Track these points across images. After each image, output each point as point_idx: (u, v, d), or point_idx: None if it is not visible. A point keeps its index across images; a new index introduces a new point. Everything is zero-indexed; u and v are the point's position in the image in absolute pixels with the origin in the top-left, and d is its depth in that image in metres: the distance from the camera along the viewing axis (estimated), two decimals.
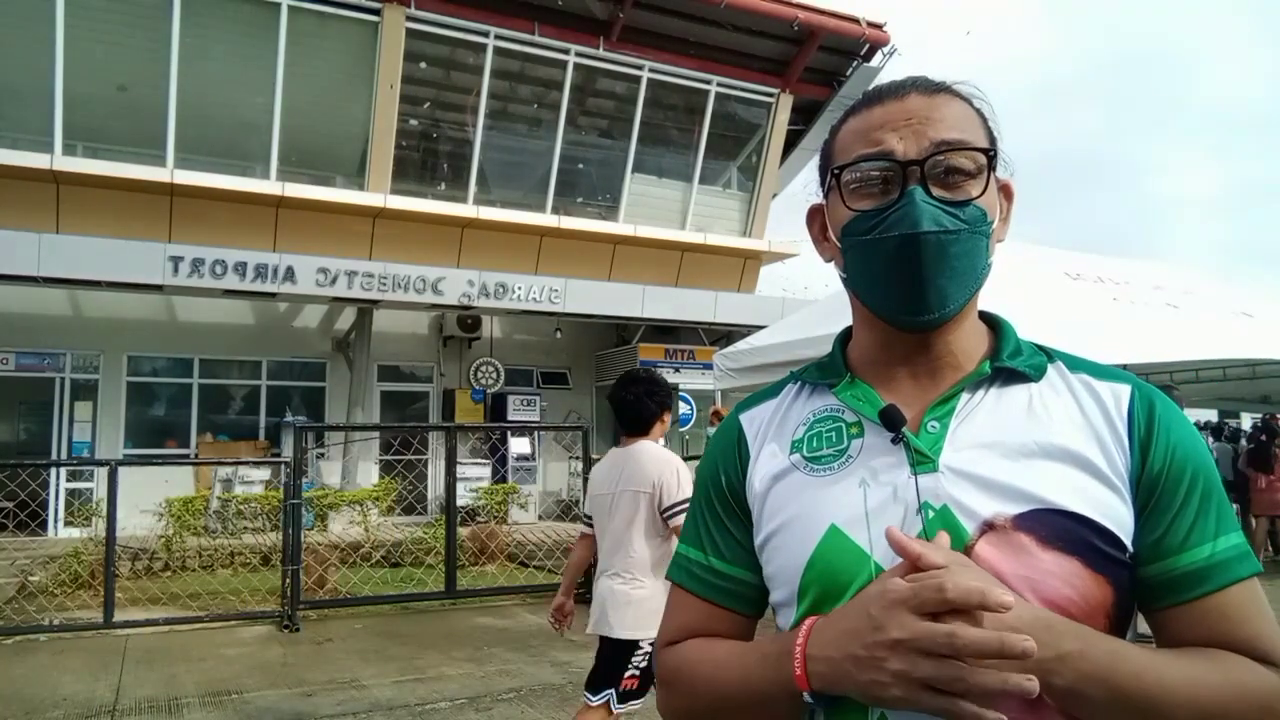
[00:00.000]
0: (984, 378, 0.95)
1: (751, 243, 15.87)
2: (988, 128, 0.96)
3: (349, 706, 4.99)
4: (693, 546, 1.06)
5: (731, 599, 1.03)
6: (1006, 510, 0.87)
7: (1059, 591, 0.85)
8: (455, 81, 14.22)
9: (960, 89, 0.97)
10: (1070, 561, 0.86)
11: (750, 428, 1.05)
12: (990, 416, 0.93)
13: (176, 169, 11.97)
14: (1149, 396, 0.94)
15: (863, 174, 0.94)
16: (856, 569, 0.90)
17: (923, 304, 0.91)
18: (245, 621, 7.17)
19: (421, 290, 12.60)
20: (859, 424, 0.97)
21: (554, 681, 5.46)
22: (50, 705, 5.04)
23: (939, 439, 0.92)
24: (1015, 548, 0.86)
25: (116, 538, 7.18)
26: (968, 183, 0.91)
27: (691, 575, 1.05)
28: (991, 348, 0.98)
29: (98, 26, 11.73)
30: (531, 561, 10.10)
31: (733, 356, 8.48)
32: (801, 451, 0.99)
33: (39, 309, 12.67)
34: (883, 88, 0.98)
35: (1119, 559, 0.88)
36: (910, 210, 0.89)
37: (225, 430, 13.80)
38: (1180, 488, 0.89)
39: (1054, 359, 0.98)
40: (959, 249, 0.90)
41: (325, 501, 10.78)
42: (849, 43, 15.27)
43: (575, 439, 12.61)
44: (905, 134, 0.92)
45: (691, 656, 1.01)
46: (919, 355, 0.97)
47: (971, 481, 0.89)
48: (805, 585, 0.93)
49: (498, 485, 13.18)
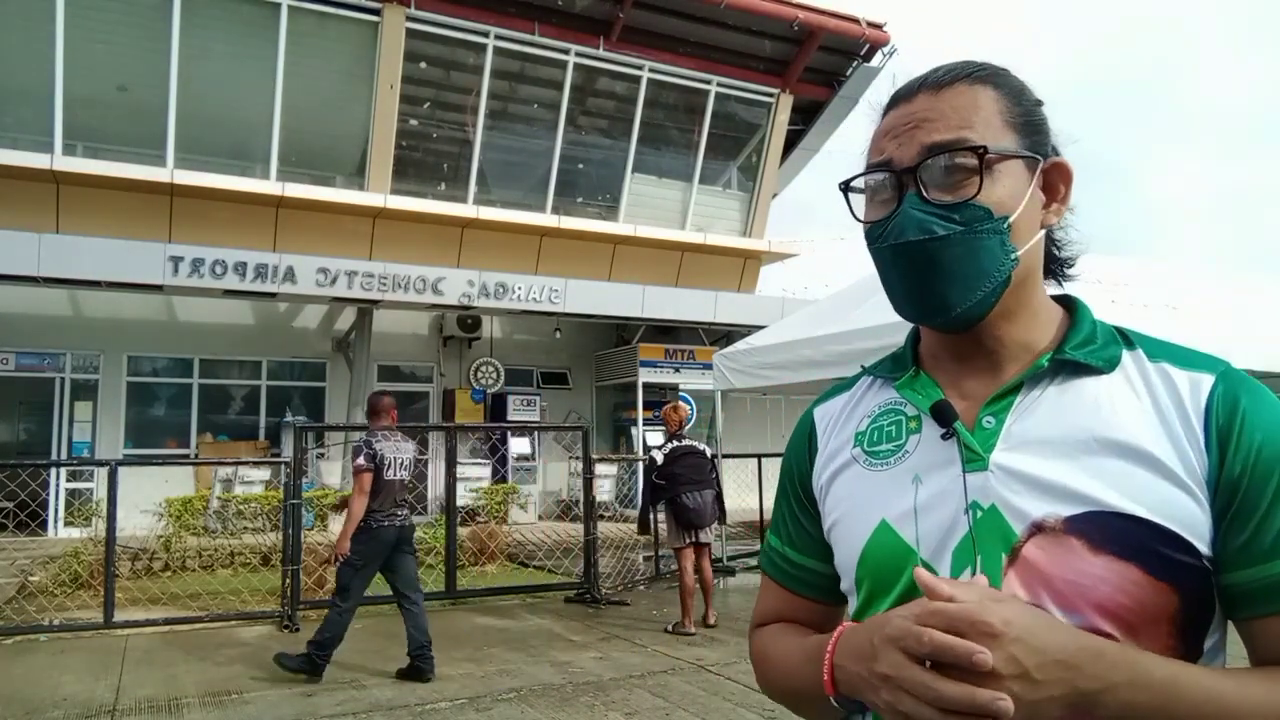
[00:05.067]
0: (1043, 371, 0.91)
1: (751, 243, 15.88)
2: (1020, 108, 0.92)
3: (349, 706, 4.99)
4: (775, 536, 1.10)
5: (805, 587, 1.06)
6: (1058, 511, 0.83)
7: (1111, 598, 0.81)
8: (455, 81, 14.22)
9: (983, 73, 0.93)
10: (1126, 567, 0.81)
11: (821, 421, 1.06)
12: (1050, 412, 0.89)
13: (176, 169, 11.98)
14: (1234, 387, 0.86)
15: (867, 185, 0.94)
16: (903, 565, 0.89)
17: (927, 310, 0.91)
18: (245, 621, 7.16)
19: (421, 290, 12.61)
20: (918, 419, 0.95)
21: (554, 681, 5.46)
22: (50, 705, 5.04)
23: (993, 435, 0.89)
24: (1065, 551, 0.82)
25: (116, 538, 7.17)
26: (968, 181, 0.88)
27: (772, 563, 1.10)
28: (1059, 337, 0.94)
29: (98, 26, 11.73)
30: (531, 561, 10.10)
31: (733, 357, 8.48)
32: (862, 445, 0.99)
33: (39, 309, 12.68)
34: (899, 89, 0.96)
35: (1189, 564, 0.81)
36: (900, 220, 0.89)
37: (225, 430, 13.80)
38: (1267, 489, 0.82)
39: (1134, 346, 0.92)
40: (955, 252, 0.88)
41: (325, 501, 10.78)
42: (849, 43, 15.27)
43: (575, 439, 12.62)
44: (904, 139, 0.91)
45: (767, 644, 1.05)
46: (972, 349, 0.95)
47: (1022, 481, 0.86)
48: (859, 578, 0.95)
49: (498, 485, 13.19)
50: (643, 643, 6.52)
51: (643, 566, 10.05)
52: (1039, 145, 0.92)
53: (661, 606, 7.95)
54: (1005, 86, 0.93)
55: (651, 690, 5.27)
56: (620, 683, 5.44)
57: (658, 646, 6.38)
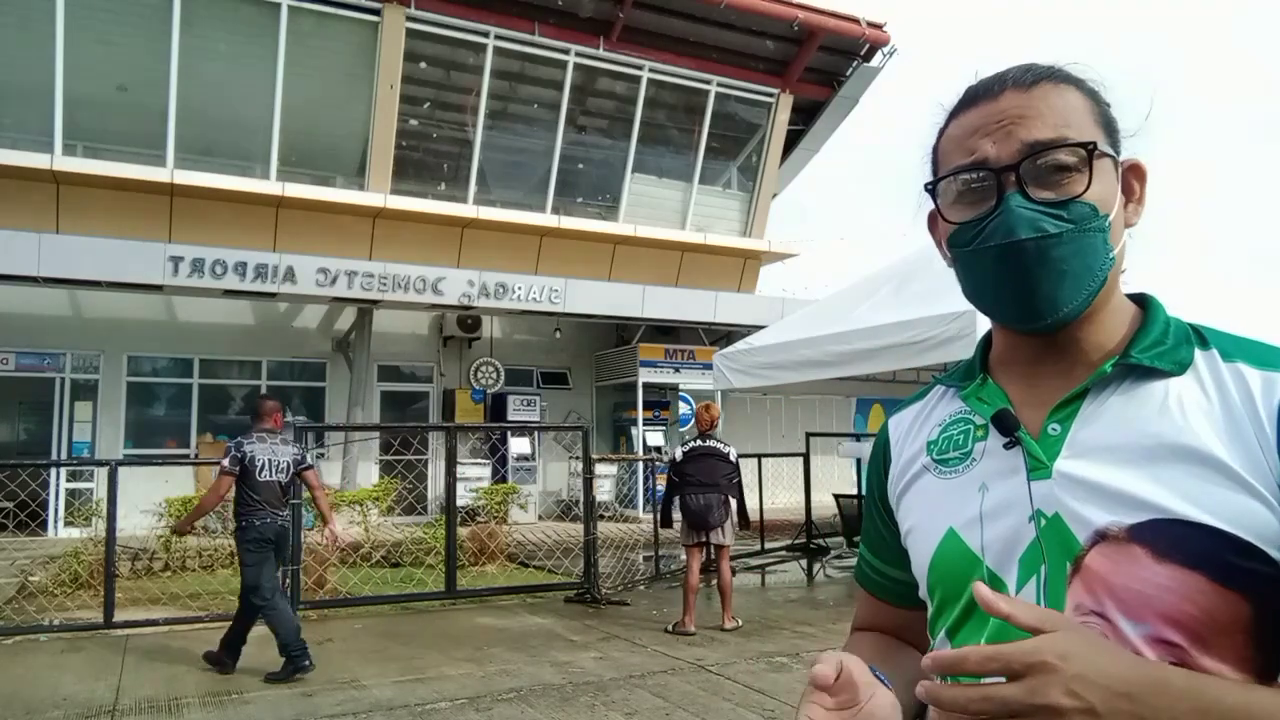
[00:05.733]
0: (1109, 376, 0.89)
1: (751, 243, 15.88)
2: (1102, 110, 0.92)
3: (349, 706, 4.99)
4: (865, 544, 1.13)
5: (890, 595, 1.09)
6: (1122, 520, 0.82)
7: (1178, 608, 0.78)
8: (455, 81, 14.22)
9: (1064, 72, 0.92)
10: (1192, 576, 0.78)
11: (895, 433, 1.07)
12: (1116, 417, 0.87)
13: (176, 169, 11.98)
14: None
15: (960, 185, 0.92)
16: (970, 573, 0.89)
17: (1034, 311, 0.88)
18: None
19: (421, 290, 12.61)
20: (985, 427, 0.94)
21: (554, 681, 5.46)
22: (50, 705, 5.04)
23: (1058, 443, 0.88)
24: (1128, 559, 0.80)
25: (116, 538, 7.17)
26: (1071, 179, 0.87)
27: (862, 572, 1.13)
28: (1126, 338, 0.92)
29: (98, 26, 11.73)
30: (531, 561, 10.10)
31: (733, 356, 8.48)
32: (933, 454, 0.99)
33: (39, 309, 12.68)
34: (978, 87, 0.94)
35: (1263, 573, 0.78)
36: (1007, 218, 0.87)
37: (225, 430, 13.78)
38: None
39: (1209, 345, 0.90)
40: (1065, 250, 0.86)
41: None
42: (849, 43, 15.27)
43: (575, 439, 12.62)
44: (998, 137, 0.89)
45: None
46: (1048, 354, 0.93)
47: (1086, 488, 0.84)
48: (931, 586, 0.95)
49: (498, 485, 13.17)
50: (643, 643, 6.52)
51: (643, 566, 10.05)
52: (1117, 145, 0.92)
53: (661, 606, 7.95)
54: (1087, 87, 0.92)
55: (651, 690, 5.27)
56: (620, 683, 5.44)
57: (658, 646, 6.38)
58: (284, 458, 5.81)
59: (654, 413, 15.67)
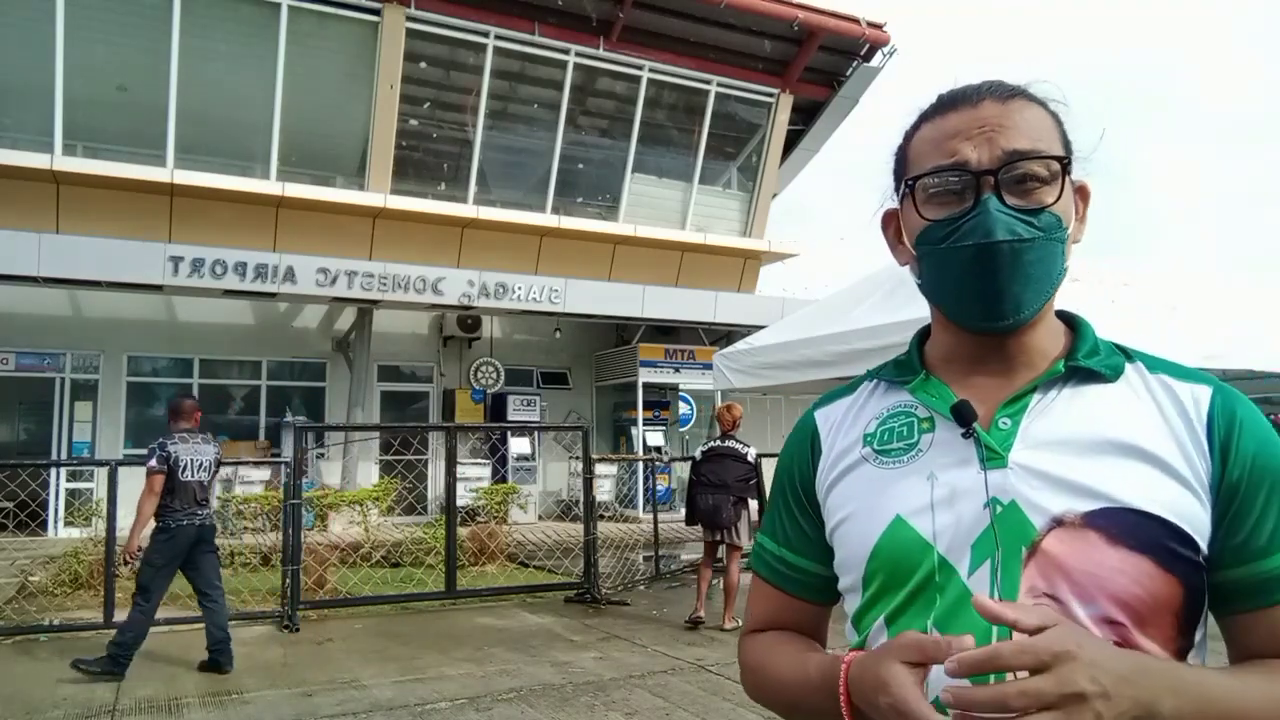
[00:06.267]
0: (1058, 376, 0.95)
1: (751, 243, 15.87)
2: (1062, 131, 0.97)
3: (349, 706, 4.99)
4: (769, 538, 1.12)
5: (801, 589, 1.09)
6: (1077, 507, 0.88)
7: (1127, 589, 0.86)
8: (455, 81, 14.22)
9: (1036, 92, 0.97)
10: (1140, 559, 0.86)
11: (824, 424, 1.09)
12: (1063, 414, 0.94)
13: (176, 169, 11.97)
14: (1231, 401, 0.93)
15: (938, 183, 0.95)
16: (919, 558, 0.92)
17: (998, 311, 0.93)
18: (245, 621, 7.16)
19: (421, 290, 12.61)
20: (930, 419, 0.99)
21: (554, 681, 5.46)
22: (50, 705, 5.04)
23: (1010, 435, 0.93)
24: (1084, 544, 0.87)
25: (116, 538, 7.17)
26: (1042, 190, 0.92)
27: (767, 565, 1.12)
28: (1068, 346, 0.99)
29: (98, 26, 11.73)
30: (531, 561, 10.10)
31: (733, 356, 8.48)
32: (872, 445, 1.01)
33: (39, 309, 12.68)
34: (956, 93, 0.98)
35: (1191, 560, 0.87)
36: (985, 219, 0.91)
37: (225, 430, 13.78)
38: (1259, 494, 0.89)
39: (1133, 359, 0.99)
40: (1034, 256, 0.91)
41: (325, 501, 10.78)
42: (849, 43, 15.27)
43: (575, 439, 12.61)
44: (979, 142, 0.93)
45: (762, 658, 1.08)
46: (994, 355, 0.98)
47: (1041, 478, 0.90)
48: (870, 573, 0.97)
49: (498, 485, 13.18)
50: (643, 643, 6.52)
51: (643, 566, 10.05)
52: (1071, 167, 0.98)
53: (661, 606, 7.95)
54: (1051, 109, 0.98)
55: (651, 690, 5.27)
56: (620, 683, 5.44)
57: (658, 646, 6.38)
58: (206, 457, 5.84)
59: (654, 413, 15.67)
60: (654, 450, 15.03)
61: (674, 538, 11.79)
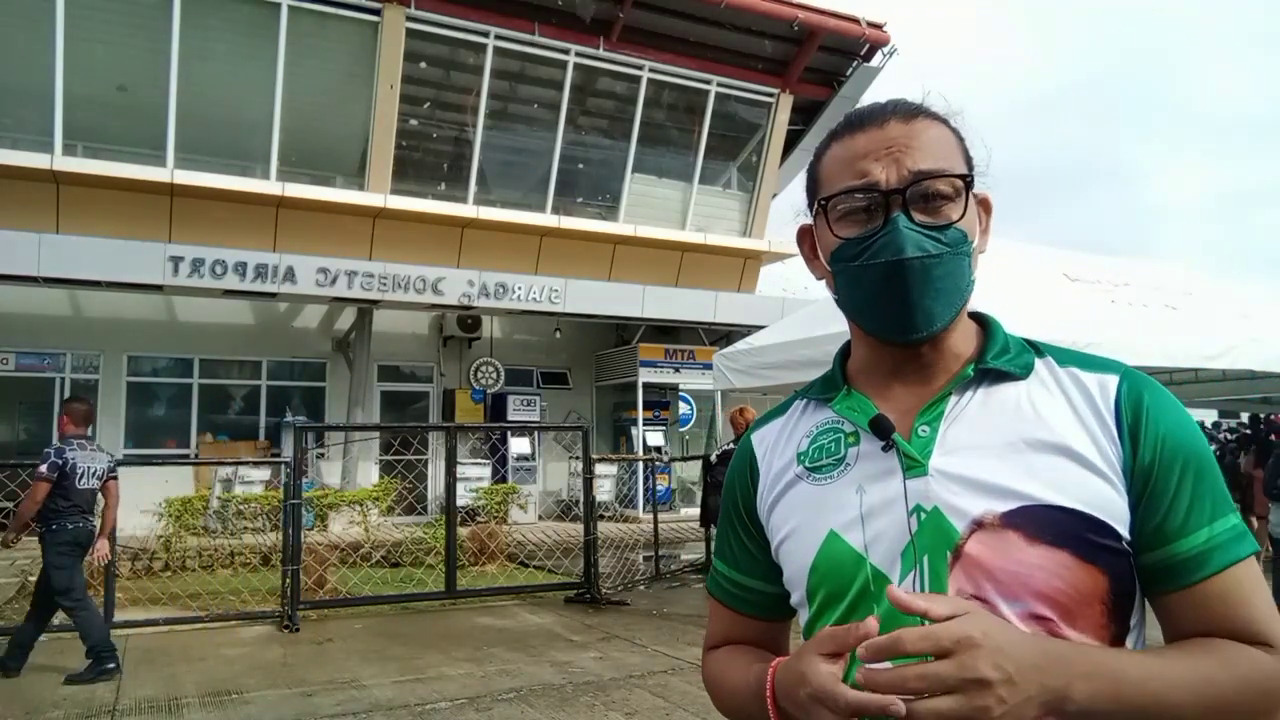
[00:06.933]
0: (968, 380, 0.98)
1: (751, 243, 15.87)
2: (964, 146, 1.00)
3: (349, 706, 4.99)
4: (720, 559, 1.16)
5: (751, 607, 1.12)
6: (995, 508, 0.90)
7: (1048, 583, 0.88)
8: (455, 81, 14.21)
9: (937, 111, 1.00)
10: (1059, 554, 0.88)
11: (760, 447, 1.11)
12: (978, 417, 0.96)
13: (176, 169, 11.97)
14: (1137, 385, 0.96)
15: (848, 203, 0.98)
16: (854, 571, 0.95)
17: (911, 324, 0.95)
18: (245, 621, 7.17)
19: (421, 290, 12.61)
20: (855, 433, 1.01)
21: (554, 681, 5.46)
22: (50, 705, 5.04)
23: (929, 443, 0.95)
24: (1004, 544, 0.89)
25: (116, 538, 7.16)
26: (947, 206, 0.96)
27: (719, 586, 1.15)
28: (978, 349, 1.01)
29: (98, 26, 11.72)
30: (531, 561, 10.10)
31: (733, 356, 8.48)
32: (805, 463, 1.04)
33: (39, 309, 12.67)
34: (863, 113, 1.01)
35: (1114, 548, 0.90)
36: (895, 237, 0.94)
37: (225, 430, 13.80)
38: (1173, 474, 0.91)
39: (1043, 354, 1.01)
40: (943, 270, 0.94)
41: (325, 501, 10.78)
42: (849, 43, 15.27)
43: (575, 439, 12.61)
44: (887, 163, 0.95)
45: (718, 670, 1.11)
46: (910, 364, 1.01)
47: (960, 482, 0.92)
48: (812, 588, 0.99)
49: (498, 485, 13.19)
50: (643, 643, 6.52)
51: (643, 566, 10.06)
52: (972, 181, 1.01)
53: (661, 606, 7.95)
54: (952, 125, 1.01)
55: (651, 690, 5.28)
56: (620, 683, 5.44)
57: (658, 646, 6.38)
58: (99, 464, 5.87)
59: (654, 413, 15.67)
60: (654, 450, 15.03)
61: (674, 538, 11.79)
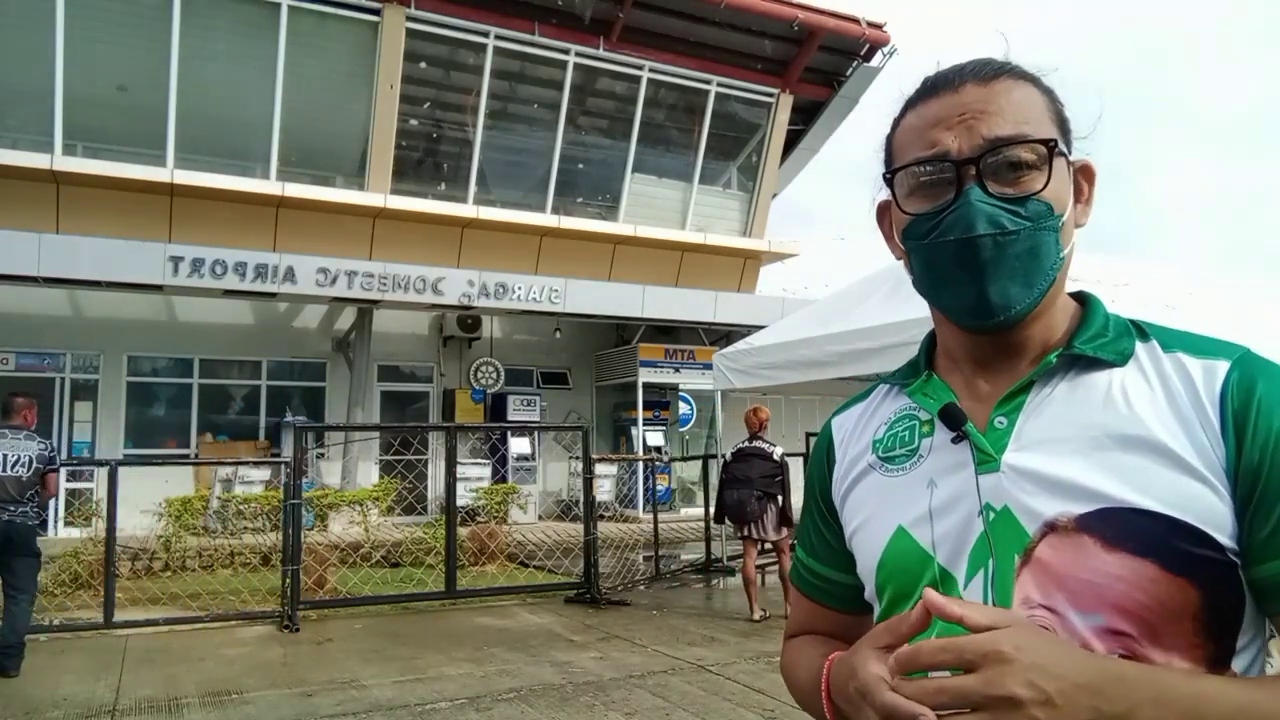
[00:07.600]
0: (1053, 367, 0.89)
1: (751, 243, 15.88)
2: (1056, 108, 0.91)
3: (349, 706, 4.99)
4: (802, 549, 1.11)
5: (829, 598, 1.07)
6: (1071, 510, 0.81)
7: (1129, 596, 0.78)
8: (455, 81, 14.22)
9: (1021, 69, 0.91)
10: (1142, 563, 0.78)
11: (839, 433, 1.06)
12: (1062, 408, 0.87)
13: (176, 169, 11.98)
14: (1251, 371, 0.83)
15: (918, 176, 0.90)
16: (921, 569, 0.89)
17: (986, 308, 0.87)
18: (245, 621, 7.17)
19: (421, 290, 12.60)
20: (931, 422, 0.94)
21: (554, 681, 5.46)
22: (50, 705, 5.04)
23: (1004, 436, 0.87)
24: (1078, 550, 0.80)
25: (116, 538, 7.17)
26: (1029, 176, 0.86)
27: (798, 574, 1.11)
28: (1069, 333, 0.91)
29: (98, 26, 11.73)
30: (531, 561, 10.10)
31: (733, 356, 8.48)
32: (878, 452, 0.98)
33: (39, 309, 12.67)
34: (937, 78, 0.92)
35: (1211, 558, 0.78)
36: (966, 212, 0.86)
37: (225, 430, 13.80)
38: None
39: (1149, 337, 0.90)
40: (1021, 247, 0.85)
41: (325, 501, 10.78)
42: (849, 43, 15.27)
43: (575, 439, 12.61)
44: (959, 131, 0.87)
45: (789, 661, 1.08)
46: (993, 349, 0.92)
47: (1034, 480, 0.84)
48: (880, 585, 0.94)
49: (498, 485, 13.19)
50: (643, 643, 6.52)
51: (643, 566, 10.06)
52: (1070, 145, 0.91)
53: (661, 606, 7.95)
54: (1043, 85, 0.92)
55: (651, 690, 5.27)
56: (620, 683, 5.44)
57: (658, 646, 6.38)
58: (26, 453, 5.78)
59: (654, 413, 15.67)
60: (654, 450, 15.03)
61: (674, 538, 11.79)
